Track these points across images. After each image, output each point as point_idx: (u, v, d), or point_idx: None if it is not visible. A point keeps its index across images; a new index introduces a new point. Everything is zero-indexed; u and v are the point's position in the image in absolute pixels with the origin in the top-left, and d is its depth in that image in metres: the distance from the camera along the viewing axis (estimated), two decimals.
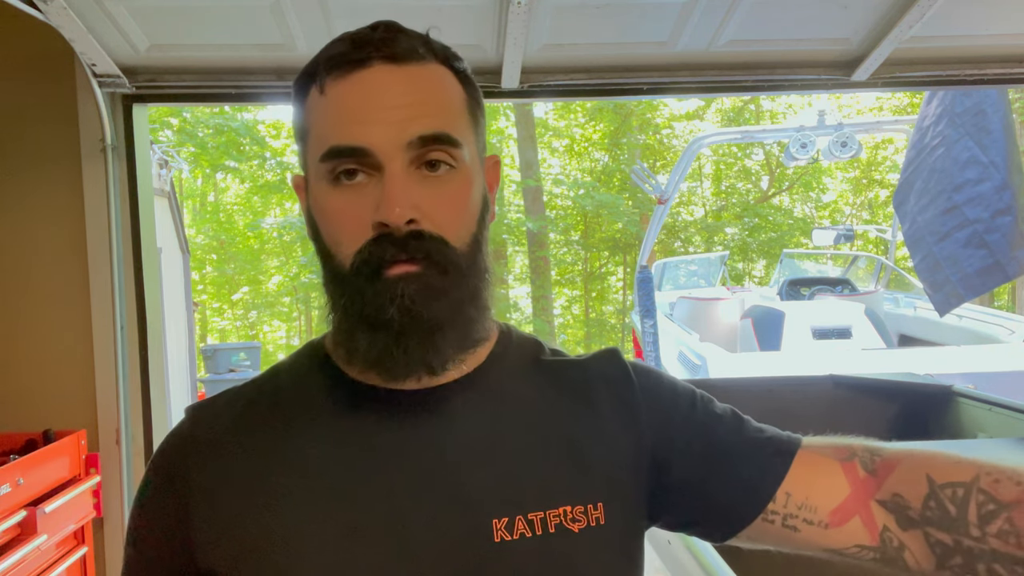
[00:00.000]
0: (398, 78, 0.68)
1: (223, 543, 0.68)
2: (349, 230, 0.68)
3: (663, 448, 0.77)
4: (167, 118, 11.99)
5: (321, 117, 0.69)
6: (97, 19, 1.99)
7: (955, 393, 3.11)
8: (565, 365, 0.81)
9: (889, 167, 16.69)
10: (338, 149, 0.67)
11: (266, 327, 17.55)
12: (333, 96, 0.69)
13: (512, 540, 0.69)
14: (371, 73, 0.68)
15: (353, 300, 0.68)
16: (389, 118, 0.67)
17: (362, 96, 0.68)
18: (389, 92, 0.68)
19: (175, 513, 0.71)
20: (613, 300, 17.89)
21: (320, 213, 0.71)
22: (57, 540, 2.15)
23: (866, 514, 0.74)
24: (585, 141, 17.12)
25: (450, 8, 2.04)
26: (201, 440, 0.73)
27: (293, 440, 0.72)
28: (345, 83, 0.68)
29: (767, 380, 3.55)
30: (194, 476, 0.71)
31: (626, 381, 0.79)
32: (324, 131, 0.69)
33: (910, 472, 0.74)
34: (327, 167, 0.68)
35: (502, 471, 0.71)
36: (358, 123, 0.67)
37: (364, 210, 0.67)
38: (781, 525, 0.75)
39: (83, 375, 2.29)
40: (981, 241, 3.87)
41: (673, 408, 0.79)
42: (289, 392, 0.76)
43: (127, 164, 2.30)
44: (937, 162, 4.08)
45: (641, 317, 6.25)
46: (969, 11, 2.15)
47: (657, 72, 2.33)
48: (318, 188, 0.70)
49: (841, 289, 8.44)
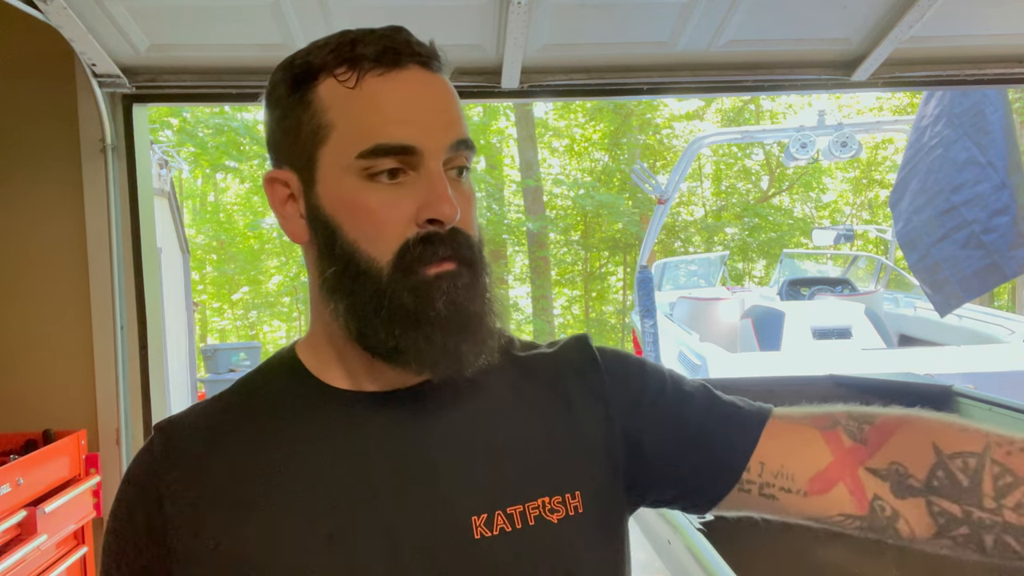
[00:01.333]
0: (434, 84, 0.70)
1: (204, 558, 0.68)
2: (389, 227, 0.68)
3: (634, 430, 0.78)
4: (167, 118, 11.99)
5: (358, 112, 0.68)
6: (97, 19, 1.99)
7: (955, 393, 3.11)
8: (536, 358, 0.82)
9: (889, 167, 16.68)
10: (386, 147, 0.67)
11: (266, 327, 17.54)
12: (372, 93, 0.68)
13: (492, 536, 0.69)
14: (410, 74, 0.69)
15: (398, 297, 0.68)
16: (435, 121, 0.68)
17: (406, 96, 0.68)
18: (434, 97, 0.69)
19: (150, 533, 0.70)
20: (613, 300, 17.89)
21: (347, 209, 0.69)
22: (57, 540, 2.14)
23: (853, 482, 0.73)
24: (585, 141, 17.12)
25: (450, 8, 2.04)
26: (173, 456, 0.72)
27: (269, 448, 0.71)
28: (386, 81, 0.68)
29: (767, 380, 3.55)
30: (168, 494, 0.70)
31: (594, 367, 0.80)
32: (366, 127, 0.67)
33: (911, 439, 0.73)
34: (365, 163, 0.67)
35: (479, 467, 0.72)
36: (406, 123, 0.67)
37: (406, 208, 0.68)
38: (759, 494, 0.76)
39: (83, 375, 2.29)
40: (979, 242, 3.88)
41: (641, 390, 0.80)
42: (262, 401, 0.75)
43: (127, 164, 2.30)
44: (935, 163, 4.08)
45: (641, 317, 6.25)
46: (969, 11, 2.15)
47: (657, 72, 2.33)
48: (345, 183, 0.68)
49: (841, 289, 8.44)
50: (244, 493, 0.69)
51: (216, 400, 0.77)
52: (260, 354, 8.32)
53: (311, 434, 0.72)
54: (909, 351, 6.11)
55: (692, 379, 0.83)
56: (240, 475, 0.70)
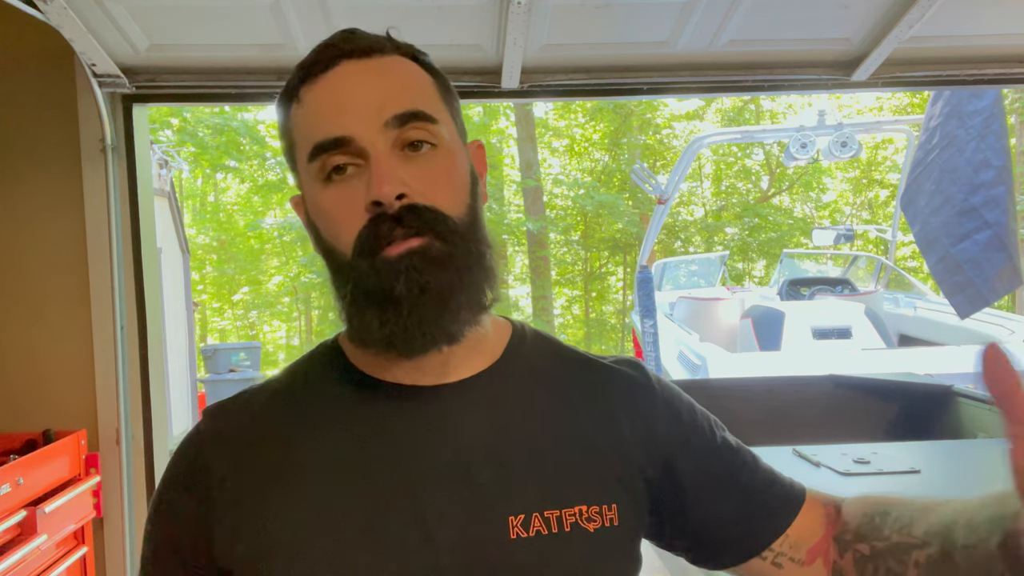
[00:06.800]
0: (366, 69, 0.71)
1: (247, 540, 0.69)
2: (345, 220, 0.69)
3: (679, 463, 0.78)
4: (167, 118, 11.98)
5: (302, 123, 0.72)
6: (97, 19, 1.99)
7: (955, 393, 3.11)
8: (585, 365, 0.81)
9: (889, 167, 16.68)
10: (321, 144, 0.69)
11: (266, 327, 17.54)
12: (308, 101, 0.71)
13: (528, 537, 0.69)
14: (339, 71, 0.71)
15: (358, 283, 0.69)
16: (364, 104, 0.69)
17: (334, 92, 0.70)
18: (360, 83, 0.70)
19: (195, 513, 0.71)
20: (613, 300, 17.89)
21: (317, 213, 0.72)
22: (57, 540, 2.14)
23: (827, 551, 0.80)
24: (585, 141, 17.12)
25: (450, 8, 2.04)
26: (221, 440, 0.74)
27: (312, 437, 0.72)
28: (317, 86, 0.71)
29: (767, 380, 3.56)
30: (215, 475, 0.71)
31: (648, 390, 0.81)
32: (307, 134, 0.71)
33: (858, 503, 0.80)
34: (316, 167, 0.70)
35: (519, 468, 0.72)
36: (335, 116, 0.69)
37: (357, 198, 0.68)
38: (771, 563, 0.80)
39: (83, 375, 2.29)
40: (1000, 244, 3.86)
41: (693, 427, 0.81)
42: (306, 391, 0.76)
43: (127, 164, 2.30)
44: (948, 162, 4.05)
45: (641, 317, 6.25)
46: (969, 11, 2.15)
47: (657, 72, 2.33)
48: (312, 191, 0.72)
49: (841, 289, 8.44)
50: (288, 479, 0.70)
51: (263, 387, 0.78)
52: (260, 354, 8.33)
53: (351, 424, 0.73)
54: (909, 351, 6.11)
55: (731, 435, 0.85)
56: (284, 461, 0.71)
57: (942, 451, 2.51)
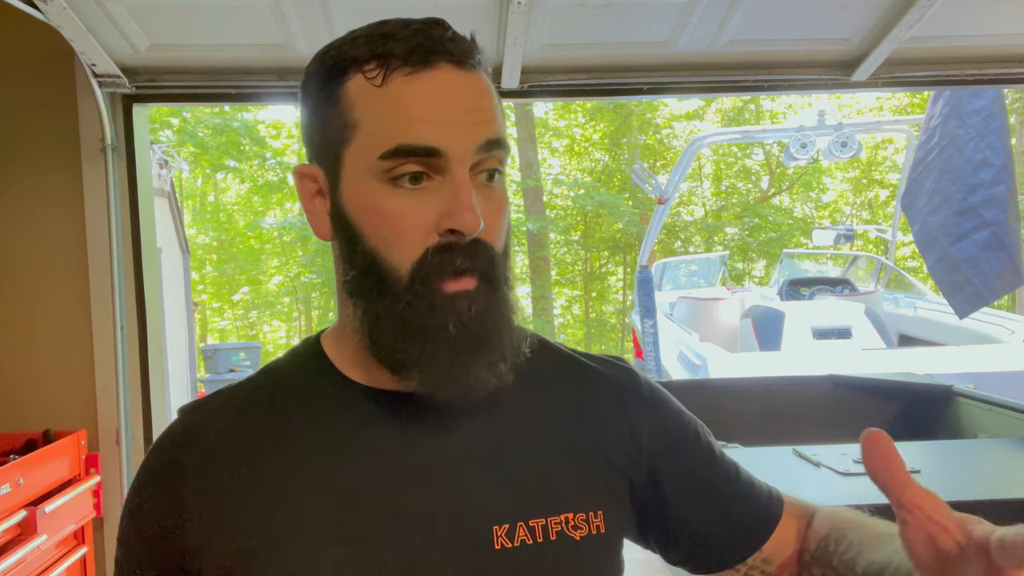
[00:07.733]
0: (465, 82, 0.67)
1: (220, 545, 0.67)
2: (409, 234, 0.65)
3: (662, 468, 0.77)
4: (167, 118, 11.99)
5: (384, 112, 0.65)
6: (97, 19, 1.99)
7: (955, 393, 3.11)
8: (573, 366, 0.80)
9: (889, 167, 16.69)
10: (408, 148, 0.64)
11: (266, 327, 17.54)
12: (398, 92, 0.65)
13: (513, 547, 0.68)
14: (440, 74, 0.66)
15: (413, 309, 0.66)
16: (462, 122, 0.65)
17: (434, 97, 0.65)
18: (462, 96, 0.66)
19: (168, 514, 0.69)
20: (613, 300, 17.89)
21: (368, 212, 0.67)
22: (57, 540, 2.14)
23: (792, 568, 0.80)
24: (585, 141, 17.12)
25: (450, 8, 2.04)
26: (196, 440, 0.71)
27: (293, 441, 0.70)
28: (413, 80, 0.65)
29: (767, 380, 3.56)
30: (189, 477, 0.69)
31: (636, 393, 0.80)
32: (390, 128, 0.65)
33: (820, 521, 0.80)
34: (387, 165, 0.65)
35: (504, 476, 0.70)
36: (430, 123, 0.64)
37: (428, 216, 0.65)
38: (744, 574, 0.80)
39: (83, 375, 2.29)
40: (1000, 243, 3.86)
41: (680, 432, 0.80)
42: (287, 392, 0.73)
43: (127, 164, 2.30)
44: (948, 162, 4.05)
45: (641, 317, 6.26)
46: (969, 11, 2.15)
47: (657, 72, 2.33)
48: (368, 187, 0.66)
49: (841, 289, 8.44)
50: (265, 484, 0.68)
51: (239, 387, 0.76)
52: (260, 354, 8.33)
53: (333, 427, 0.71)
54: (909, 351, 6.11)
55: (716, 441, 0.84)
56: (262, 465, 0.69)
57: (942, 451, 2.51)
